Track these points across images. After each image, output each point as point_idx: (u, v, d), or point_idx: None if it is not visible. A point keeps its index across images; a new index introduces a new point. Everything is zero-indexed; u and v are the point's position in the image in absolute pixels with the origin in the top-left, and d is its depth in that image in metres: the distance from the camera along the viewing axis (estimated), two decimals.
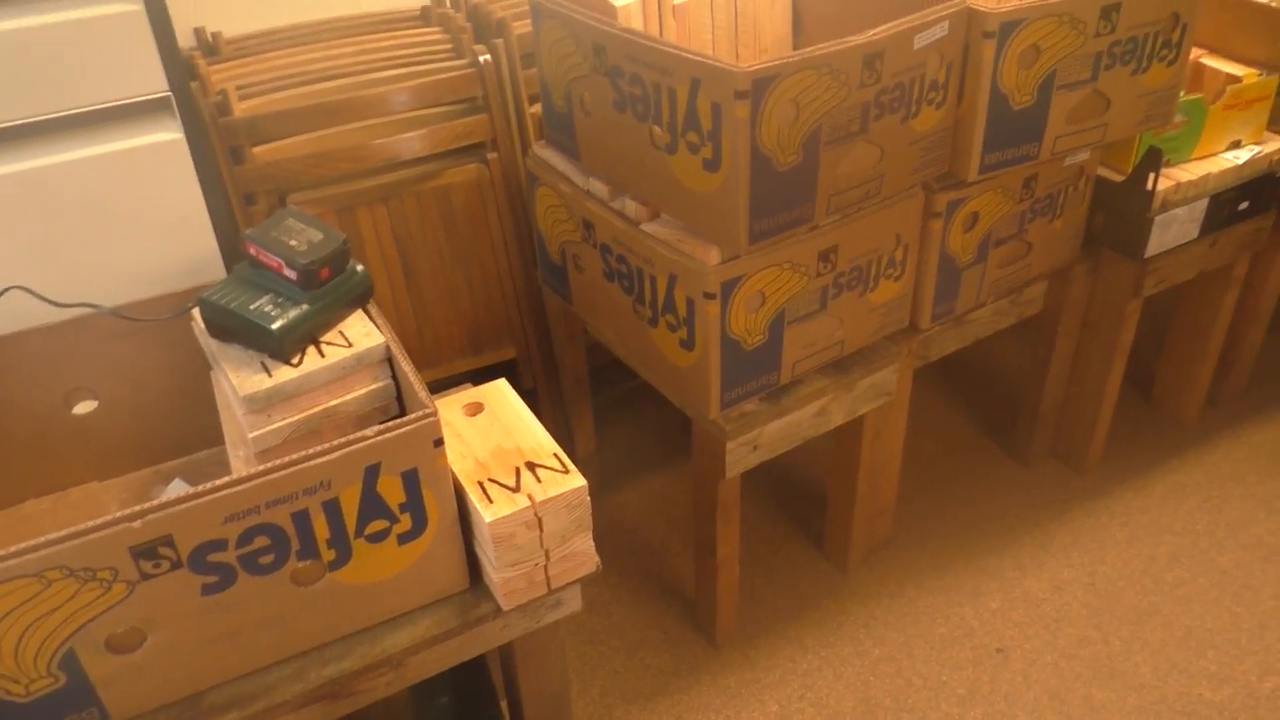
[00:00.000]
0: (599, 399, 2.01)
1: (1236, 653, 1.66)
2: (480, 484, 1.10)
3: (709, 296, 1.29)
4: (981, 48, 1.34)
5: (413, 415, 1.01)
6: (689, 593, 1.81)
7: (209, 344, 1.17)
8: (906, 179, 1.40)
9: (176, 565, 0.94)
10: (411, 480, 1.03)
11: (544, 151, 1.59)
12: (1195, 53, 1.79)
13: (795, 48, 1.67)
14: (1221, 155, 1.75)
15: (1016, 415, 2.04)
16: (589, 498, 1.11)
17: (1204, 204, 1.72)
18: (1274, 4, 1.75)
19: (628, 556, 1.89)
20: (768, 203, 1.24)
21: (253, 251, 1.16)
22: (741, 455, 1.46)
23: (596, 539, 1.18)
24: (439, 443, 1.03)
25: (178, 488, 1.34)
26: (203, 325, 1.18)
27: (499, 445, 1.15)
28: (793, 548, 1.90)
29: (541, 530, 1.09)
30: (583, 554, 1.15)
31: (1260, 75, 1.71)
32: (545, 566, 1.12)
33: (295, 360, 1.12)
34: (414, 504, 1.05)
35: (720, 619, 1.69)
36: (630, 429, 2.18)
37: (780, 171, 1.23)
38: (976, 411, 2.20)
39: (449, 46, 1.70)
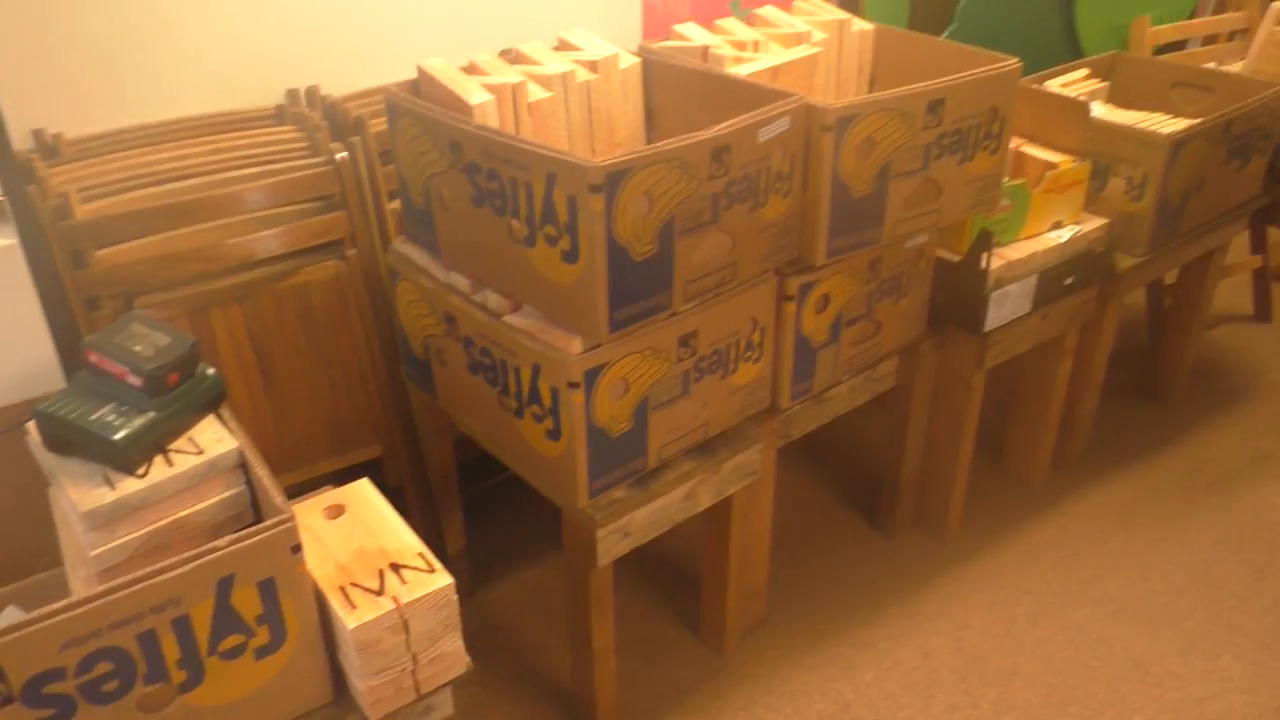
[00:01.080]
0: (468, 494, 1.98)
1: (1096, 706, 1.73)
2: (342, 589, 1.06)
3: (573, 386, 1.30)
4: (821, 140, 1.41)
5: (268, 522, 0.97)
6: (568, 687, 1.77)
7: (46, 459, 1.11)
8: (759, 264, 1.45)
9: (8, 700, 0.88)
10: (268, 590, 0.99)
11: (404, 247, 1.59)
12: (1016, 142, 1.93)
13: (649, 141, 1.73)
14: (1046, 235, 1.88)
15: (878, 488, 2.10)
16: (457, 596, 1.09)
17: (1034, 280, 1.84)
18: (1081, 98, 1.92)
19: (504, 654, 1.84)
20: (626, 291, 1.27)
21: (94, 359, 1.12)
22: (613, 543, 1.46)
23: (470, 638, 1.16)
24: (297, 549, 0.99)
25: (10, 615, 1.25)
26: (39, 439, 1.12)
27: (361, 547, 1.12)
28: (669, 633, 1.89)
29: (408, 633, 1.06)
30: (452, 655, 1.12)
31: (1074, 161, 1.86)
32: (413, 671, 1.09)
33: (141, 471, 1.07)
34: (272, 615, 1.00)
35: (600, 711, 1.66)
36: (502, 522, 2.15)
37: (637, 261, 1.26)
38: (840, 486, 2.26)
39: (305, 144, 1.69)
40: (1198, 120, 1.99)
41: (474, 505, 2.09)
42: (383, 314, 1.73)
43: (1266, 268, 2.86)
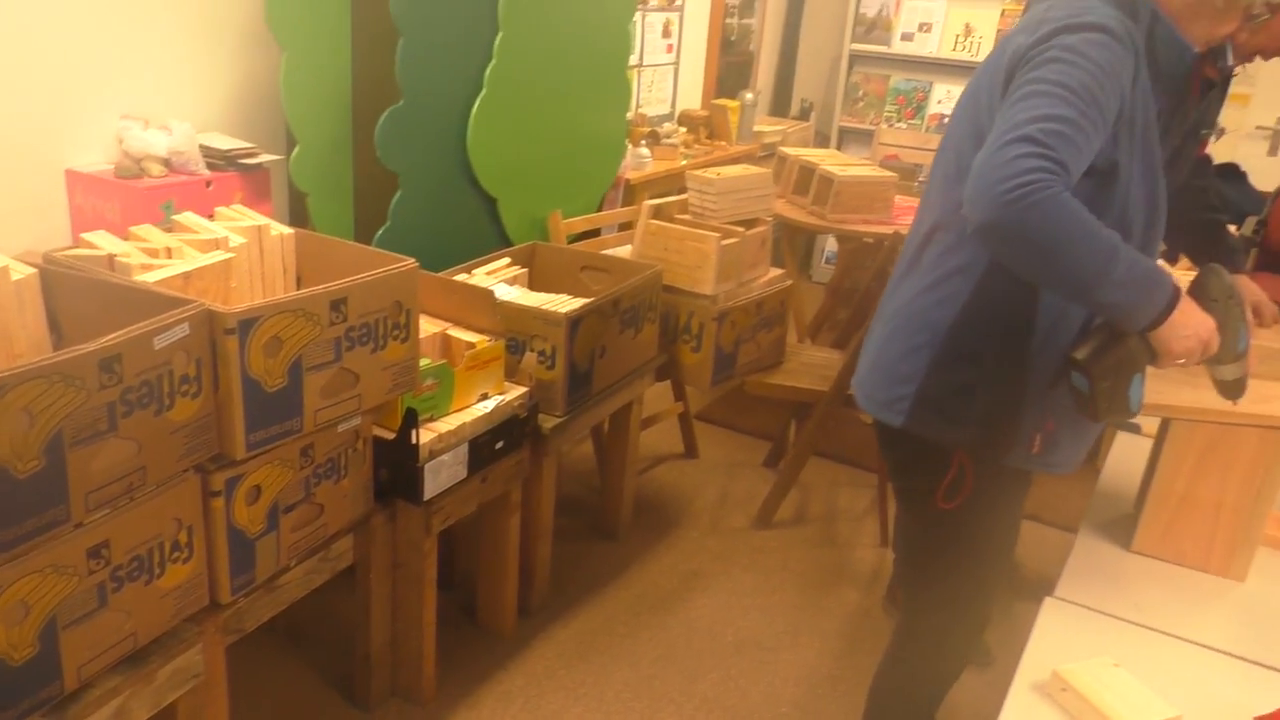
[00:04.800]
0: None
1: None
2: None
3: None
4: (226, 342, 1.49)
5: None
6: None
7: None
8: (175, 465, 1.47)
9: None
10: None
11: None
12: (442, 326, 2.16)
13: (56, 349, 1.69)
14: (474, 406, 2.11)
15: (353, 662, 2.14)
16: None
17: (465, 448, 2.04)
18: (489, 287, 2.21)
19: None
20: (8, 513, 1.23)
21: None
22: None
23: None
24: None
25: None
26: None
27: None
28: None
29: None
30: None
31: (489, 340, 2.12)
32: None
33: None
34: None
35: None
36: None
37: (21, 479, 1.23)
38: (320, 667, 2.26)
39: None
40: (592, 298, 2.38)
41: None
42: None
43: (688, 412, 3.41)
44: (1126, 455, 1.87)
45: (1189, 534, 1.52)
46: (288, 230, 1.94)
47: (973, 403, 1.52)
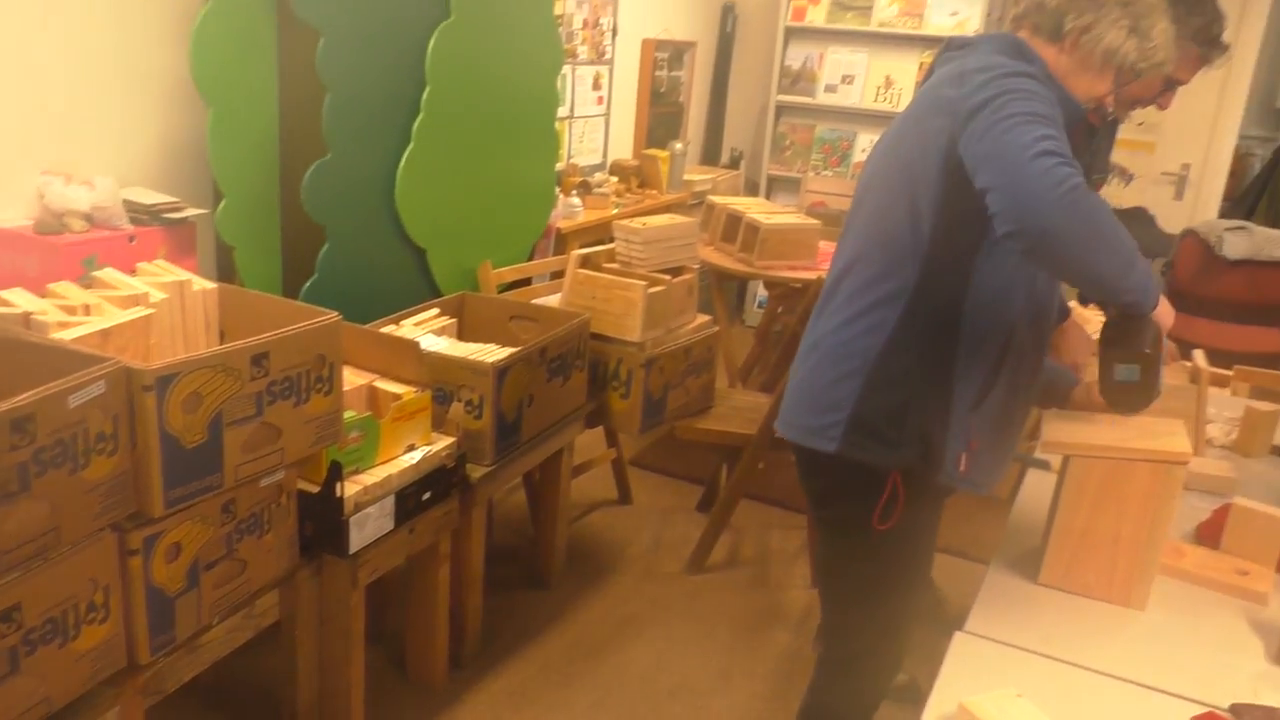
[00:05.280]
0: None
1: None
2: None
3: None
4: (144, 399, 1.49)
5: None
6: None
7: None
8: (89, 524, 1.46)
9: None
10: None
11: None
12: (369, 378, 2.16)
13: None
14: (401, 457, 2.11)
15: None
16: None
17: (391, 500, 2.04)
18: (416, 338, 2.22)
19: None
20: None
21: None
22: None
23: None
24: None
25: None
26: None
27: None
28: None
29: None
30: None
31: (416, 392, 2.14)
32: None
33: None
34: None
35: None
36: None
37: None
38: None
39: None
40: (519, 348, 2.40)
41: None
42: None
43: (621, 458, 3.43)
44: (1036, 491, 1.93)
45: (1091, 566, 1.58)
46: (210, 285, 1.94)
47: (905, 424, 1.61)
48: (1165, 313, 1.52)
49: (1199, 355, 2.21)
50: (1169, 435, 1.58)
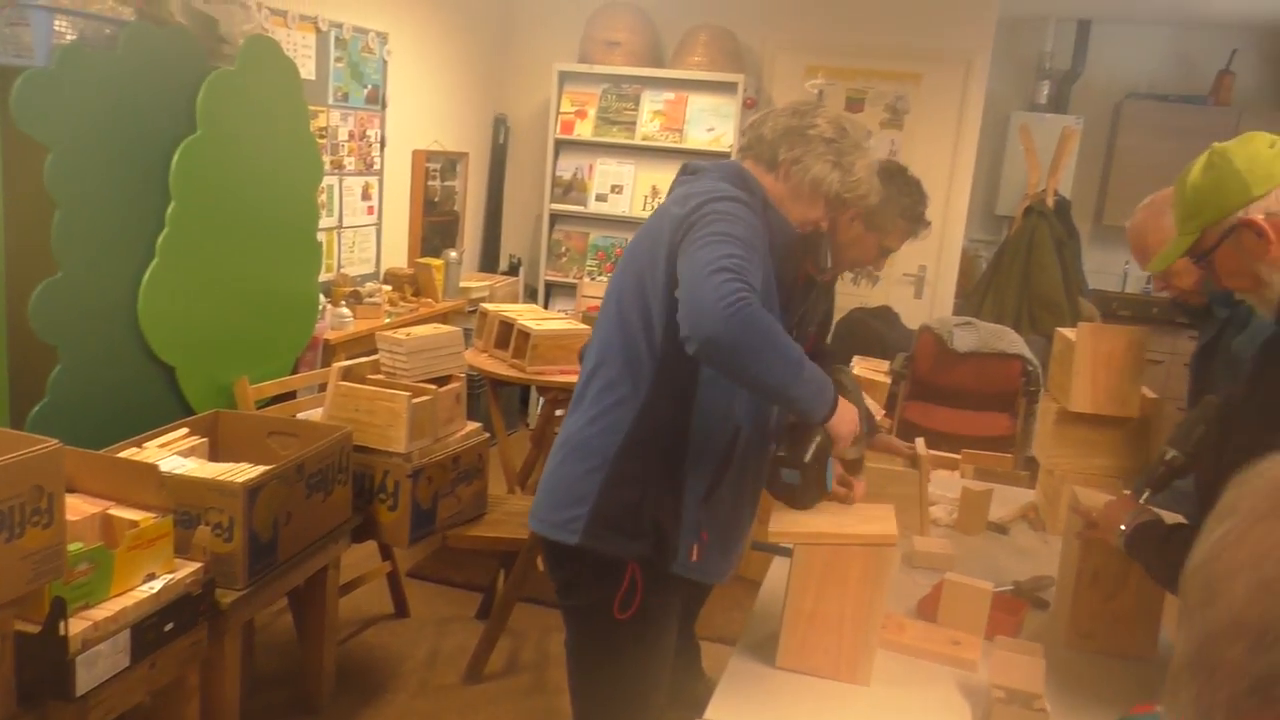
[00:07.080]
0: None
1: None
2: None
3: None
4: None
5: None
6: None
7: None
8: None
9: None
10: None
11: None
12: (101, 505, 2.04)
13: None
14: (139, 588, 1.99)
15: None
16: None
17: (127, 634, 1.92)
18: (158, 460, 2.13)
19: None
20: None
21: None
22: None
23: None
24: None
25: None
26: None
27: None
28: None
29: None
30: None
31: (156, 517, 2.03)
32: None
33: None
34: None
35: None
36: None
37: None
38: None
39: None
40: (273, 465, 2.34)
41: None
42: None
43: (396, 571, 3.35)
44: (779, 576, 2.04)
45: (820, 647, 1.69)
46: None
47: (641, 517, 1.72)
48: (845, 422, 1.66)
49: (920, 443, 2.42)
50: (880, 520, 1.72)
